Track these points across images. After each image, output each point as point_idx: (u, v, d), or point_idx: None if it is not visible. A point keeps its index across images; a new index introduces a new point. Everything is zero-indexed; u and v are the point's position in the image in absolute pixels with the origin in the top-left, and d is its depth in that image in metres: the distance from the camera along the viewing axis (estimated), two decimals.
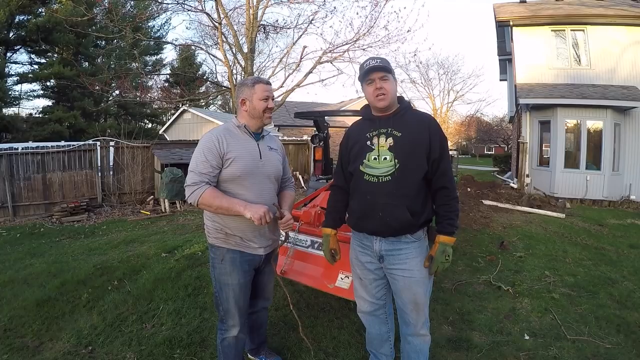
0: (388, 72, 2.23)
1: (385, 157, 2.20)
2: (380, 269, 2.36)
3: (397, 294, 2.34)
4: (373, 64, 2.21)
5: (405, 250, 2.24)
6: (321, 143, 5.21)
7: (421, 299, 2.29)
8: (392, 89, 2.24)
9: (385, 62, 2.24)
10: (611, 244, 6.45)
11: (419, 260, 2.25)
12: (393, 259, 2.27)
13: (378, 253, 2.30)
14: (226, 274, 2.35)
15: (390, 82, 2.24)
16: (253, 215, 2.12)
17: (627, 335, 3.31)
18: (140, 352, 3.00)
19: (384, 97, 2.21)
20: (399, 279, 2.28)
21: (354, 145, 2.34)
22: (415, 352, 2.41)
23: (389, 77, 2.23)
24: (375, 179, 2.21)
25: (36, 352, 3.04)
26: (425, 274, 2.26)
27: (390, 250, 2.26)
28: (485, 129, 39.96)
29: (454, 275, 4.68)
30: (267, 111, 2.36)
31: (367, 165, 2.25)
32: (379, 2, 9.24)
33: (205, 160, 2.22)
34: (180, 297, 3.97)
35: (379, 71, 2.21)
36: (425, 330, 2.38)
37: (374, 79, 2.22)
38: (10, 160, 9.01)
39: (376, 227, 2.25)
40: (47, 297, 3.97)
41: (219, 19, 9.20)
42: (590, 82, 12.16)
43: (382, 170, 2.20)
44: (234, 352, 2.47)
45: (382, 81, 2.21)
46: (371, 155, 2.24)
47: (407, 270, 2.24)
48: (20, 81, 27.56)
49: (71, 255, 5.78)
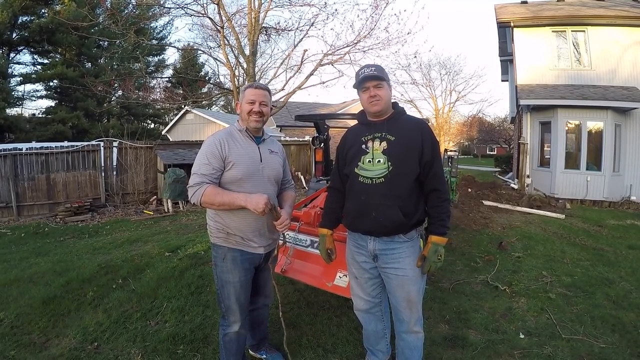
0: (382, 80, 2.32)
1: (379, 159, 2.29)
2: (375, 268, 2.45)
3: (391, 292, 2.43)
4: (367, 73, 2.32)
5: (399, 250, 2.33)
6: (321, 145, 5.28)
7: (414, 297, 2.36)
8: (386, 95, 2.35)
9: (379, 70, 2.34)
10: (610, 244, 6.48)
11: (411, 259, 2.33)
12: (387, 258, 2.35)
13: (372, 252, 2.39)
14: (227, 272, 2.43)
15: (384, 89, 2.34)
16: (255, 208, 2.19)
17: (622, 335, 3.36)
18: (145, 348, 3.08)
19: (378, 103, 2.32)
20: (393, 277, 2.36)
21: (350, 149, 2.44)
22: (409, 348, 2.49)
23: (383, 85, 2.34)
24: (369, 180, 2.31)
25: (43, 349, 3.11)
26: (417, 273, 2.34)
27: (384, 249, 2.35)
28: (487, 130, 39.88)
29: (452, 275, 4.74)
30: (252, 114, 2.41)
31: (362, 167, 2.35)
32: (380, 4, 9.26)
33: (208, 162, 2.30)
34: (183, 295, 4.04)
35: (372, 80, 2.31)
36: (418, 327, 2.45)
37: (368, 86, 2.33)
38: (15, 161, 9.11)
39: (370, 226, 2.33)
40: (53, 295, 4.04)
41: (221, 22, 9.25)
42: (591, 83, 12.17)
43: (376, 173, 2.29)
44: (235, 347, 2.54)
45: (376, 89, 2.32)
46: (366, 158, 2.35)
47: (400, 269, 2.33)
48: (23, 82, 27.65)
49: (76, 254, 5.86)
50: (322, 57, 9.96)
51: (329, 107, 26.86)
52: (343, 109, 24.65)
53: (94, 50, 28.99)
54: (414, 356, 2.50)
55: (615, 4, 13.23)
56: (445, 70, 31.82)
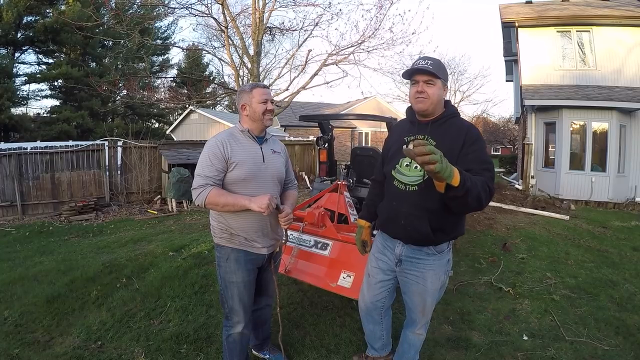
0: (435, 77, 2.11)
1: (416, 165, 2.07)
2: (392, 271, 2.41)
3: (407, 294, 2.40)
4: (421, 65, 2.10)
5: (424, 261, 2.27)
6: (326, 145, 5.28)
7: (428, 306, 2.37)
8: (436, 95, 2.13)
9: (436, 65, 2.12)
10: (614, 246, 6.45)
11: (434, 272, 2.27)
12: (411, 265, 2.30)
13: (398, 256, 2.33)
14: (231, 273, 2.44)
15: (436, 87, 2.13)
16: (260, 206, 2.19)
17: (626, 338, 3.34)
18: (148, 347, 3.09)
19: (424, 101, 2.13)
20: (412, 283, 2.32)
21: (392, 146, 2.33)
22: (408, 344, 2.55)
23: (436, 83, 2.12)
24: (403, 186, 2.18)
25: (47, 347, 3.13)
26: (437, 287, 2.32)
27: (410, 257, 2.29)
28: (491, 130, 39.74)
29: (456, 276, 4.72)
30: (266, 113, 2.42)
31: (399, 170, 2.21)
32: (384, 4, 9.25)
33: (211, 164, 2.30)
34: (187, 295, 4.05)
35: (424, 74, 2.11)
36: (423, 330, 2.49)
37: (418, 80, 2.14)
38: (20, 160, 9.16)
39: (398, 233, 2.28)
40: (57, 294, 4.06)
41: (225, 22, 9.26)
42: (596, 84, 12.10)
43: (411, 179, 2.15)
44: (239, 347, 2.54)
45: (426, 85, 2.12)
46: (404, 161, 2.20)
47: (421, 279, 2.28)
48: (28, 81, 27.77)
49: (80, 253, 5.89)
50: (326, 57, 9.95)
51: (332, 107, 26.87)
52: (347, 109, 24.67)
53: (98, 50, 29.09)
54: (410, 352, 2.57)
55: (621, 4, 13.16)
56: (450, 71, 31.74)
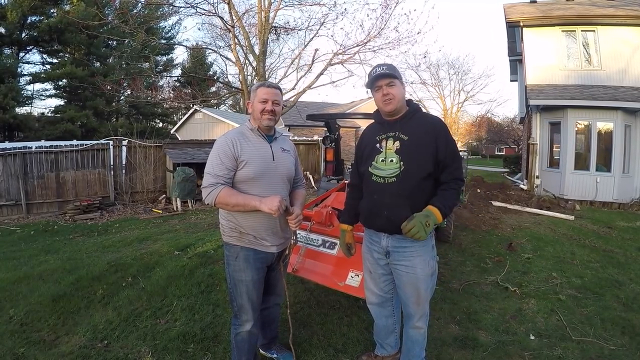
0: (394, 77, 2.34)
1: (391, 159, 2.32)
2: (387, 264, 2.49)
3: (400, 288, 2.47)
4: (379, 72, 2.34)
5: (410, 248, 2.35)
6: (332, 144, 5.27)
7: (422, 295, 2.41)
8: (399, 94, 2.36)
9: (391, 68, 2.36)
10: (619, 246, 6.42)
11: (422, 259, 2.36)
12: (398, 255, 2.39)
13: (385, 249, 2.43)
14: (240, 271, 2.44)
15: (397, 87, 2.35)
16: (270, 208, 2.20)
17: (632, 337, 3.33)
18: (155, 346, 3.09)
19: (391, 102, 2.34)
20: (403, 274, 2.40)
21: (366, 147, 2.50)
22: (411, 341, 2.56)
23: (396, 83, 2.35)
24: (381, 179, 2.35)
25: (52, 346, 3.13)
26: (427, 272, 2.38)
27: (396, 247, 2.38)
28: (495, 130, 39.72)
29: (462, 276, 4.73)
30: (264, 113, 2.41)
31: (375, 166, 2.39)
32: (389, 4, 9.27)
33: (221, 162, 2.30)
34: (193, 294, 4.05)
35: (385, 78, 2.33)
36: (421, 323, 2.50)
37: (380, 85, 2.36)
38: (24, 159, 9.19)
39: (382, 225, 2.38)
40: (62, 293, 4.07)
41: (231, 21, 9.28)
42: (601, 83, 12.06)
43: (388, 172, 2.33)
44: (247, 346, 2.54)
45: (388, 87, 2.34)
46: (379, 157, 2.38)
47: (410, 267, 2.36)
48: (32, 81, 27.98)
49: (85, 252, 5.90)
50: (332, 56, 9.98)
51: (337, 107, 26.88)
52: (352, 109, 24.67)
53: (102, 49, 29.22)
54: (415, 349, 2.57)
55: (626, 3, 13.09)
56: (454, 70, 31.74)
